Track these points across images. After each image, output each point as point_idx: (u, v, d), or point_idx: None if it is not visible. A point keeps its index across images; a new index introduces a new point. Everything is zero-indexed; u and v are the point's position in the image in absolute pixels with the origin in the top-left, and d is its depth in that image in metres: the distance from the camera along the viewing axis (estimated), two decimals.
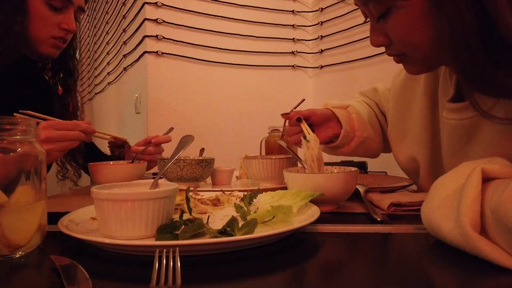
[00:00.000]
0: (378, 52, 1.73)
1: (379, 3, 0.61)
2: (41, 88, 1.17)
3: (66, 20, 1.03)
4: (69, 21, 1.03)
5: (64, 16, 1.03)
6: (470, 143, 0.69)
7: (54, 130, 0.86)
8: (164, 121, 1.88)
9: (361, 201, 0.76)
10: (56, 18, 1.02)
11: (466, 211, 0.42)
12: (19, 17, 0.96)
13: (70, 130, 0.88)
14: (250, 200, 0.67)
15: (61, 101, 1.17)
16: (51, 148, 0.85)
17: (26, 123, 0.49)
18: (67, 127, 0.88)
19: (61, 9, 1.01)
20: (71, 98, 1.18)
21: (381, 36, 0.65)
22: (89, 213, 0.60)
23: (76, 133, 0.88)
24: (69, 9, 1.03)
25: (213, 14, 1.99)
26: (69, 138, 0.88)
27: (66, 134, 0.87)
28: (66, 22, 1.03)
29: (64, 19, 1.03)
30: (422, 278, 0.42)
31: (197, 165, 0.94)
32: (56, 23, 1.02)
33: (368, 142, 0.97)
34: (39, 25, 1.00)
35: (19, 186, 0.47)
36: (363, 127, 0.95)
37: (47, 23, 1.00)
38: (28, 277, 0.44)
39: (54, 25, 1.02)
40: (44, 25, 1.00)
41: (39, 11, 0.99)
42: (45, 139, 0.83)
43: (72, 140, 0.88)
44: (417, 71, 0.71)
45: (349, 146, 0.95)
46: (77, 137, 0.89)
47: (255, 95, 2.11)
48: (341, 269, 0.45)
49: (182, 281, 0.36)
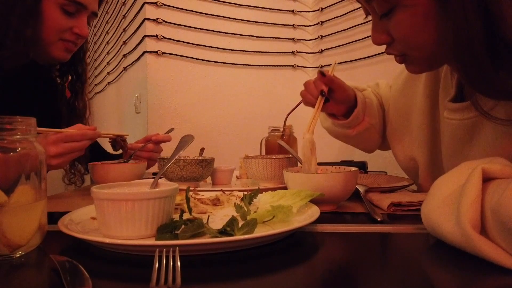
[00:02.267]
0: (378, 52, 1.73)
1: (384, 0, 0.60)
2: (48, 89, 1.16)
3: (79, 25, 1.01)
4: (82, 26, 1.02)
5: (77, 20, 1.01)
6: (470, 143, 0.69)
7: (63, 144, 0.85)
8: (164, 121, 1.88)
9: (361, 201, 0.76)
10: (68, 23, 1.00)
11: (466, 211, 0.42)
12: (32, 20, 0.95)
13: (79, 141, 0.87)
14: (250, 200, 0.67)
15: (68, 104, 1.16)
16: (60, 162, 0.86)
17: (26, 123, 0.49)
18: (76, 138, 0.87)
19: (74, 13, 1.00)
20: (79, 101, 1.17)
21: (383, 34, 0.65)
22: (89, 213, 0.60)
23: (84, 143, 0.88)
24: (82, 14, 1.02)
25: (213, 14, 1.99)
26: (78, 149, 0.88)
27: (75, 146, 0.87)
28: (78, 26, 1.01)
29: (77, 24, 1.01)
30: (422, 278, 0.42)
31: (197, 165, 0.94)
32: (68, 28, 1.00)
33: (372, 130, 0.96)
34: (51, 29, 0.98)
35: (19, 186, 0.47)
36: (373, 114, 0.95)
37: (60, 27, 0.99)
38: (28, 277, 0.44)
39: (66, 29, 1.00)
40: (56, 29, 0.99)
41: (53, 15, 0.97)
42: (55, 155, 0.84)
43: (80, 150, 0.88)
44: (418, 70, 0.71)
45: (356, 128, 0.93)
46: (85, 146, 0.89)
47: (255, 95, 2.11)
48: (341, 269, 0.45)
49: (182, 281, 0.36)
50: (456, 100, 0.71)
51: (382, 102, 1.02)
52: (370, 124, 0.94)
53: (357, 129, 0.93)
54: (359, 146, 1.05)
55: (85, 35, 1.03)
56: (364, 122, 0.93)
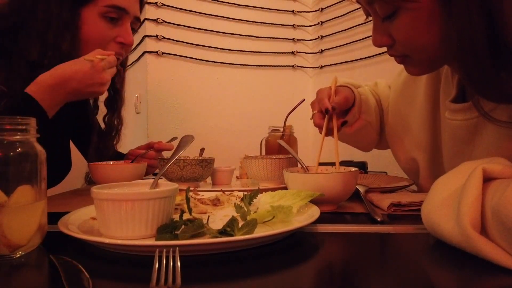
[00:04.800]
0: (378, 52, 1.73)
1: (387, 3, 0.60)
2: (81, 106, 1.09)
3: (122, 33, 0.95)
4: (127, 34, 0.95)
5: (120, 29, 0.95)
6: (471, 144, 0.69)
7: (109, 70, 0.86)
8: (164, 121, 1.88)
9: (361, 201, 0.76)
10: (111, 32, 0.94)
11: (466, 211, 0.42)
12: (69, 34, 0.89)
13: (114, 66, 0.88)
14: (250, 200, 0.67)
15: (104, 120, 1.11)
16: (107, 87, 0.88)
17: (26, 123, 0.49)
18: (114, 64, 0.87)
19: (116, 21, 0.94)
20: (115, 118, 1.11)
21: (384, 37, 0.65)
22: (89, 213, 0.60)
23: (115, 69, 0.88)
24: (125, 20, 0.95)
25: (213, 14, 1.99)
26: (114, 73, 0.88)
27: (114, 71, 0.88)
28: (122, 35, 0.95)
29: (121, 33, 0.95)
30: (422, 278, 0.42)
31: (197, 165, 0.94)
32: (111, 37, 0.94)
33: (369, 128, 0.95)
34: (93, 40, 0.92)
35: (19, 186, 0.47)
36: (369, 111, 0.94)
37: (103, 37, 0.93)
38: (28, 277, 0.44)
39: (109, 40, 0.94)
40: (100, 40, 0.93)
41: (94, 25, 0.92)
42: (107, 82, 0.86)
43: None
44: (418, 72, 0.71)
45: (353, 126, 0.91)
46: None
47: (255, 95, 2.11)
48: (341, 269, 0.45)
49: (182, 281, 0.36)
50: (457, 100, 0.71)
51: (380, 101, 1.02)
52: (366, 121, 0.93)
53: (354, 127, 0.92)
54: (356, 145, 1.04)
55: (130, 43, 0.97)
56: (360, 120, 0.92)
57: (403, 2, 0.58)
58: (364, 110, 0.92)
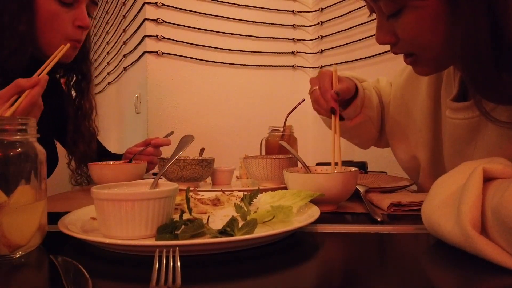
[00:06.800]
0: (378, 52, 1.73)
1: (392, 1, 0.60)
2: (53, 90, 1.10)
3: (79, 16, 0.96)
4: (82, 16, 0.97)
5: (76, 11, 0.96)
6: (472, 143, 0.69)
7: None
8: (164, 121, 1.88)
9: (361, 201, 0.76)
10: (67, 16, 0.96)
11: (467, 210, 0.42)
12: (25, 16, 0.91)
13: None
14: (250, 200, 0.67)
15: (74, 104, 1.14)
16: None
17: (26, 123, 0.49)
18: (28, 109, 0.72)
19: (72, 4, 0.96)
20: (85, 101, 1.14)
21: (388, 35, 0.65)
22: (89, 213, 0.60)
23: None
24: (80, 3, 0.97)
25: (213, 14, 1.99)
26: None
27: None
28: (78, 18, 0.96)
29: (77, 15, 0.96)
30: (422, 278, 0.42)
31: (197, 165, 0.94)
32: (68, 21, 0.96)
33: (369, 124, 0.95)
34: (50, 24, 0.94)
35: (19, 186, 0.47)
36: (370, 107, 0.93)
37: (58, 21, 0.94)
38: (28, 277, 0.44)
39: (67, 23, 0.96)
40: (55, 23, 0.94)
41: (48, 7, 0.93)
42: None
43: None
44: (426, 72, 0.71)
45: (354, 120, 0.91)
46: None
47: (255, 95, 2.11)
48: (341, 269, 0.45)
49: (182, 281, 0.36)
50: (459, 99, 0.71)
51: (381, 98, 1.01)
52: (368, 117, 0.93)
53: (354, 121, 0.92)
54: (354, 141, 1.04)
55: (86, 25, 0.98)
56: (362, 114, 0.92)
57: (409, 0, 0.58)
58: (366, 105, 0.92)
